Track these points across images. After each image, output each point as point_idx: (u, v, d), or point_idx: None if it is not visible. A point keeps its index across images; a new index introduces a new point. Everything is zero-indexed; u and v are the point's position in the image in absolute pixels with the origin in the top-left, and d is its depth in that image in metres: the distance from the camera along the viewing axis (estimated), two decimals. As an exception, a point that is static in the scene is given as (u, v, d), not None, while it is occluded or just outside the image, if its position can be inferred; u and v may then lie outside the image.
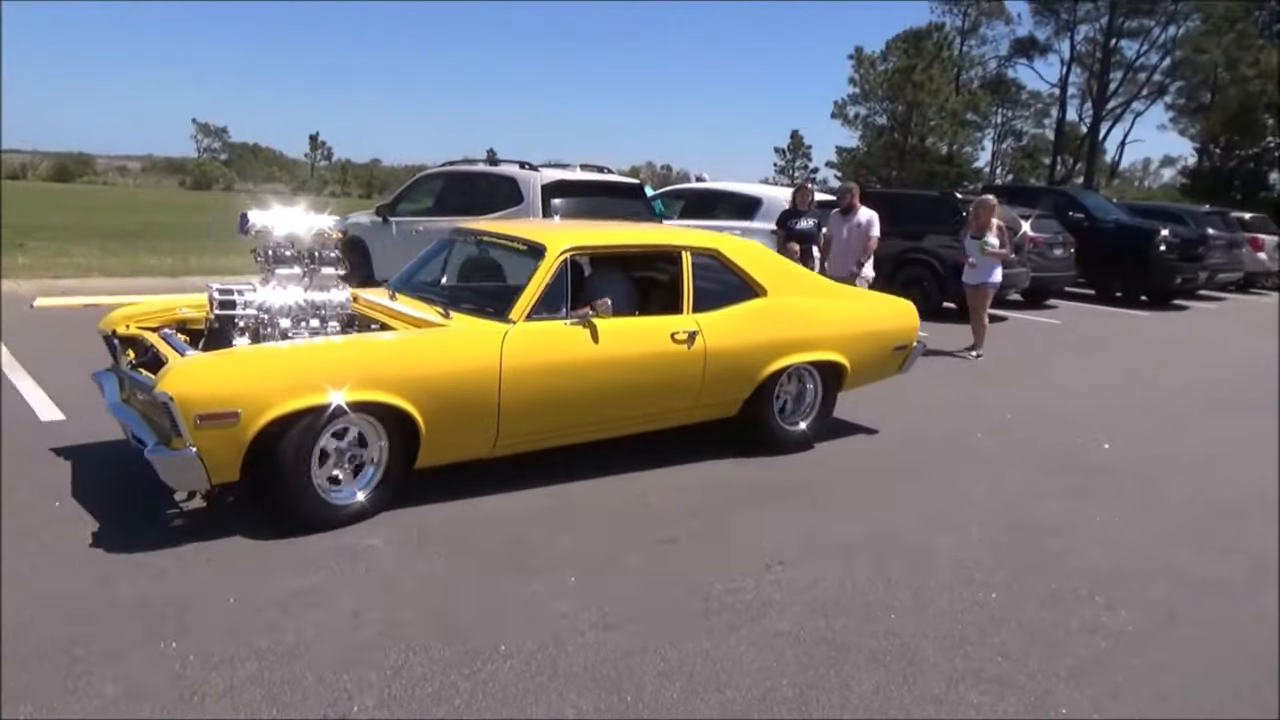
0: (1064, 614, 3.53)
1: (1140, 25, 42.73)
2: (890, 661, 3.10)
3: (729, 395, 5.18)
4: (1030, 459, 5.65)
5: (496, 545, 3.83)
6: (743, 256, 5.30)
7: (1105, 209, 16.58)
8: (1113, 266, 14.98)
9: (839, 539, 4.13)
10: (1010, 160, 53.31)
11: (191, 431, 3.51)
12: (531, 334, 4.35)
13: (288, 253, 4.47)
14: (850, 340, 5.56)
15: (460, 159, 10.27)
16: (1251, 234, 19.03)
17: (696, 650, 3.09)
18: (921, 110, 44.64)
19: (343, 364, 3.86)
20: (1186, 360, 10.05)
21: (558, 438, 4.70)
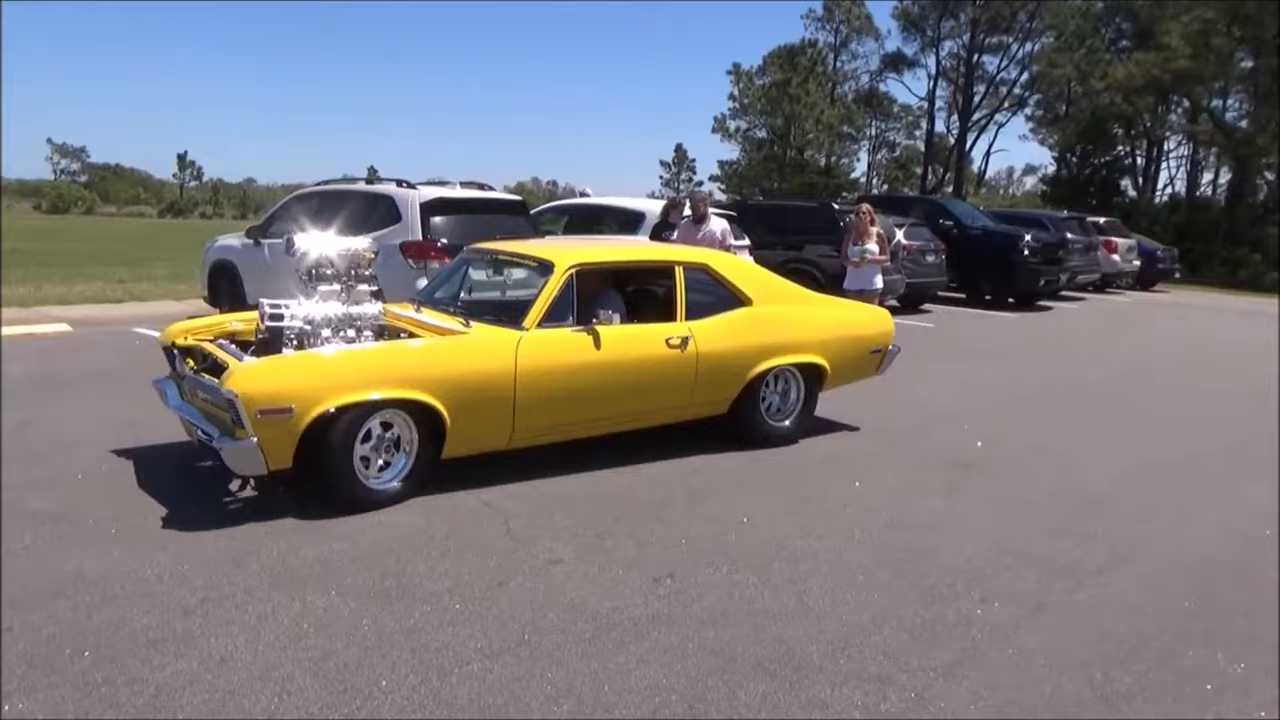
0: (941, 609, 3.65)
1: (1000, 41, 45.08)
2: (777, 668, 3.14)
3: (720, 395, 5.74)
4: (908, 458, 5.84)
5: (375, 577, 3.72)
6: (729, 270, 5.91)
7: (973, 216, 17.38)
8: (981, 271, 15.72)
9: (725, 549, 4.17)
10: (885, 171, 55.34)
11: (253, 424, 4.13)
12: (543, 340, 4.94)
13: (328, 271, 5.08)
14: (830, 344, 6.13)
15: (340, 177, 10.01)
16: (1106, 237, 20.30)
17: (584, 671, 3.06)
18: (799, 123, 45.91)
19: (380, 366, 4.49)
20: (1051, 358, 10.58)
21: (567, 432, 5.27)
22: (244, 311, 5.57)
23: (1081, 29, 41.05)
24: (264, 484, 4.71)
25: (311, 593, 3.55)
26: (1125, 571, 4.13)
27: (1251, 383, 9.51)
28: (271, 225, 9.74)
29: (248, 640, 3.16)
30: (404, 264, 7.97)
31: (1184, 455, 6.31)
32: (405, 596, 3.55)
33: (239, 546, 3.96)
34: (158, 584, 3.57)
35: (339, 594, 3.55)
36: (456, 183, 9.42)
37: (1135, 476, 5.69)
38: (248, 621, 3.30)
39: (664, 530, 4.38)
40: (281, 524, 4.23)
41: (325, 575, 3.72)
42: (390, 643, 3.19)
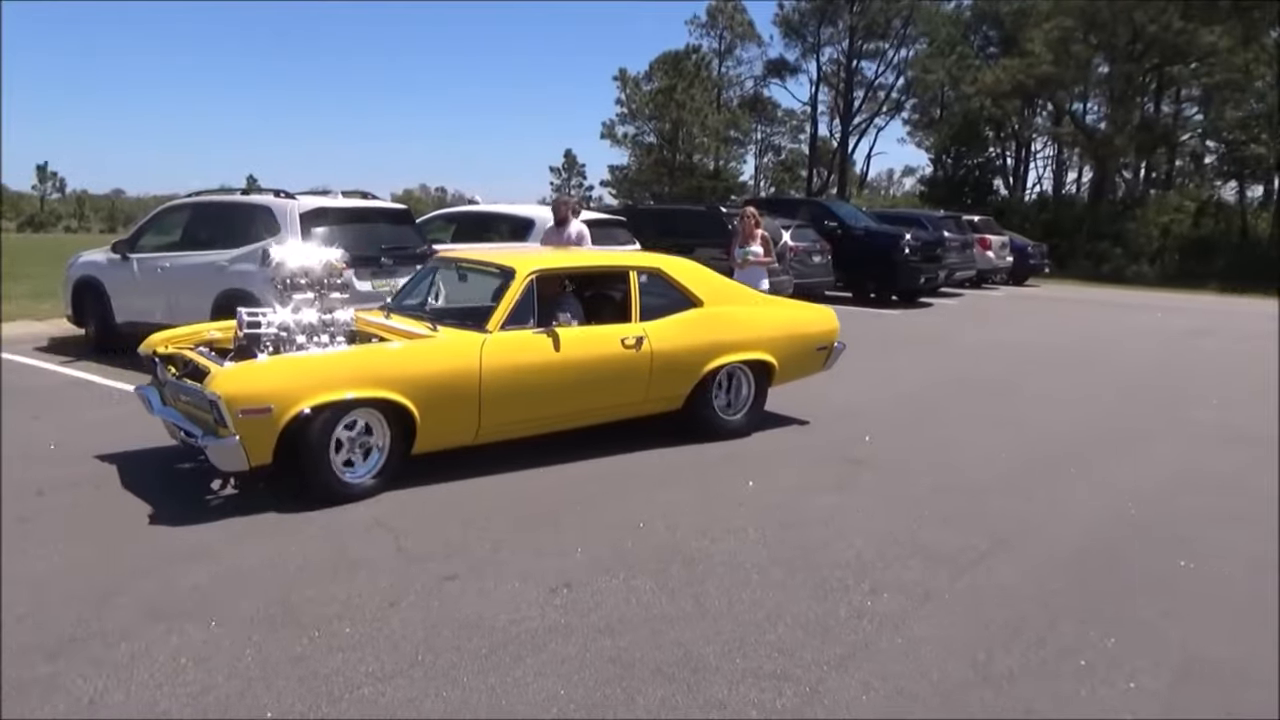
0: (833, 604, 3.74)
1: (877, 48, 46.65)
2: (674, 671, 3.15)
3: (674, 391, 6.09)
4: (800, 456, 5.97)
5: (259, 605, 3.58)
6: (681, 273, 6.30)
7: (856, 217, 17.92)
8: (865, 270, 16.21)
9: (622, 555, 4.17)
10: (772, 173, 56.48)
11: (235, 423, 4.43)
12: (505, 341, 5.28)
13: (302, 281, 5.34)
14: (777, 342, 6.51)
15: (217, 188, 9.60)
16: (981, 235, 21.20)
17: (481, 688, 3.02)
18: (686, 128, 46.44)
19: (353, 368, 4.81)
20: (934, 353, 11.00)
21: (529, 428, 5.61)
22: (222, 320, 6.06)
23: (952, 36, 42.87)
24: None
25: (190, 625, 3.39)
26: (1005, 558, 4.31)
27: (1116, 371, 10.08)
28: (140, 239, 9.28)
29: (119, 680, 2.99)
30: (284, 277, 7.70)
31: (1057, 443, 6.64)
32: (291, 623, 3.43)
33: (110, 581, 3.75)
34: (19, 626, 3.34)
35: (219, 624, 3.40)
36: (338, 192, 9.17)
37: (1013, 466, 5.96)
38: (119, 660, 3.12)
39: (560, 539, 4.36)
40: (156, 554, 4.03)
41: (204, 605, 3.56)
42: (275, 672, 3.07)
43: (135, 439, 5.91)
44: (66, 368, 8.42)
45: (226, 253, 8.16)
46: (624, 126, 49.09)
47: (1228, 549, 4.52)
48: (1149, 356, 11.35)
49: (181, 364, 5.27)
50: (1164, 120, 36.12)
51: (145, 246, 9.14)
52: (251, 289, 7.82)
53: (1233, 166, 35.46)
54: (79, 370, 8.31)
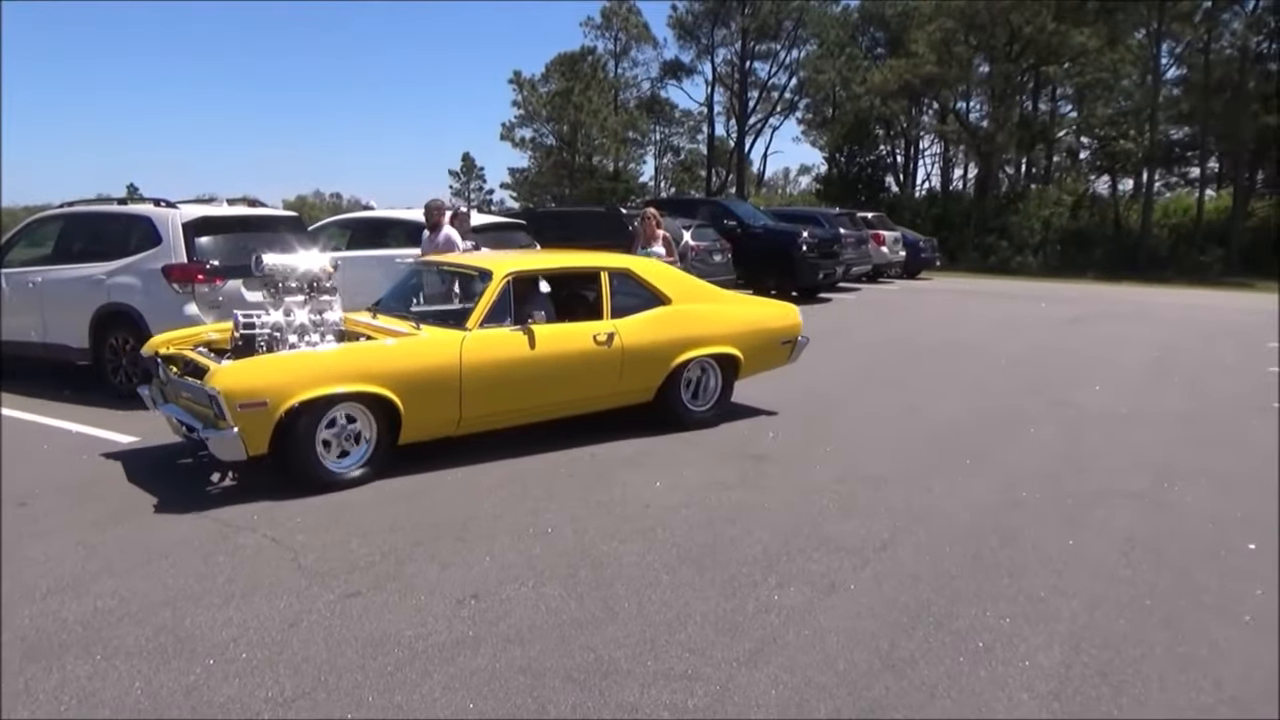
0: (742, 599, 3.78)
1: (769, 49, 47.52)
2: (585, 677, 3.13)
3: (644, 384, 6.48)
4: (706, 453, 6.02)
5: (148, 634, 3.41)
6: (650, 274, 6.71)
7: (755, 216, 18.21)
8: (765, 267, 16.45)
9: (530, 562, 4.13)
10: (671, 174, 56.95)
11: (234, 415, 4.80)
12: (483, 339, 5.66)
13: (293, 284, 5.69)
14: (743, 337, 6.90)
15: (94, 197, 9.11)
16: (875, 231, 21.82)
17: (388, 706, 2.94)
18: (585, 130, 46.42)
19: (342, 364, 5.18)
20: (831, 347, 11.24)
21: (508, 419, 5.96)
22: (219, 323, 6.39)
23: (841, 37, 44.08)
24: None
25: (72, 660, 3.21)
26: (905, 544, 4.44)
27: (1005, 359, 10.50)
28: (8, 253, 8.76)
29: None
30: (168, 288, 7.39)
31: (952, 431, 6.86)
32: (184, 652, 3.28)
33: (-19, 618, 3.52)
34: (-122, 672, 3.11)
35: (105, 657, 3.23)
36: (224, 200, 8.83)
37: (912, 454, 6.13)
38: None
39: (467, 550, 4.29)
40: (35, 587, 3.80)
41: (89, 638, 3.37)
42: (168, 704, 2.94)
43: (11, 465, 5.58)
44: (-71, 392, 7.88)
45: (104, 265, 7.77)
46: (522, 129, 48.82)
47: (1111, 526, 4.75)
48: (1035, 344, 11.85)
49: (182, 363, 5.59)
50: (1041, 118, 37.88)
51: (14, 261, 8.63)
52: (133, 303, 7.48)
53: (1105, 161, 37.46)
54: (-56, 394, 7.78)
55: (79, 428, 6.58)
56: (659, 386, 6.54)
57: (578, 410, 6.30)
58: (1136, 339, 12.53)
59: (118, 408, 7.09)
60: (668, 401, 6.61)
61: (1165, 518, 4.93)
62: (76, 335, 7.84)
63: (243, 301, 7.30)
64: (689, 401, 6.75)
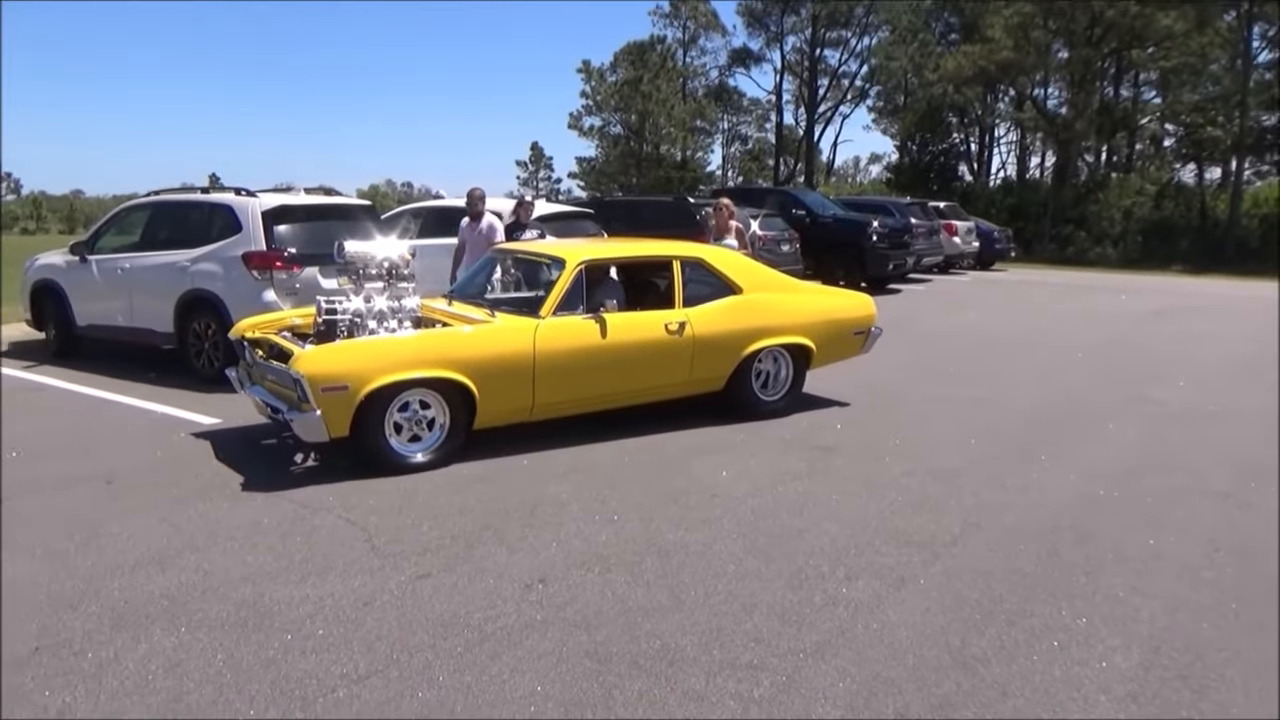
0: (808, 591, 3.75)
1: (840, 36, 46.79)
2: (651, 664, 3.15)
3: (715, 373, 6.50)
4: (772, 444, 5.98)
5: (230, 609, 3.53)
6: (722, 263, 6.68)
7: (824, 205, 17.99)
8: (834, 257, 16.25)
9: (597, 549, 4.16)
10: (739, 163, 56.58)
11: (317, 398, 4.97)
12: (557, 326, 5.76)
13: (372, 271, 5.91)
14: (815, 327, 6.87)
15: (179, 186, 9.43)
16: (947, 221, 21.37)
17: (457, 686, 3.00)
18: (653, 119, 46.33)
19: (421, 350, 5.33)
20: (902, 337, 11.05)
21: (580, 406, 6.04)
22: (301, 309, 6.57)
23: (914, 23, 43.11)
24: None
25: (159, 631, 3.34)
26: (976, 539, 4.36)
27: (1082, 352, 10.20)
28: (99, 240, 9.11)
29: (88, 689, 2.94)
30: (247, 275, 7.60)
31: (1026, 425, 6.71)
32: (263, 626, 3.39)
33: (75, 589, 3.68)
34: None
35: (189, 630, 3.35)
36: (301, 189, 9.04)
37: (983, 448, 6.01)
38: (87, 669, 3.07)
39: (534, 535, 4.34)
40: (122, 561, 3.96)
41: (174, 611, 3.50)
42: (248, 676, 3.04)
43: (98, 445, 5.82)
44: (28, 373, 8.26)
45: (188, 253, 8.03)
46: (590, 118, 48.94)
47: (1193, 526, 4.59)
48: (1114, 338, 11.50)
49: (267, 347, 5.80)
50: (1123, 104, 36.58)
51: (104, 248, 8.97)
52: (214, 289, 7.71)
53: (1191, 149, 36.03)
54: (41, 375, 8.15)
55: (163, 409, 6.82)
56: (729, 376, 6.53)
57: (649, 398, 6.35)
58: (1223, 334, 12.06)
59: (200, 390, 7.33)
60: (738, 391, 6.61)
61: (1251, 519, 4.74)
62: (161, 320, 8.12)
63: (319, 288, 7.48)
64: (760, 391, 6.75)
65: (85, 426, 6.35)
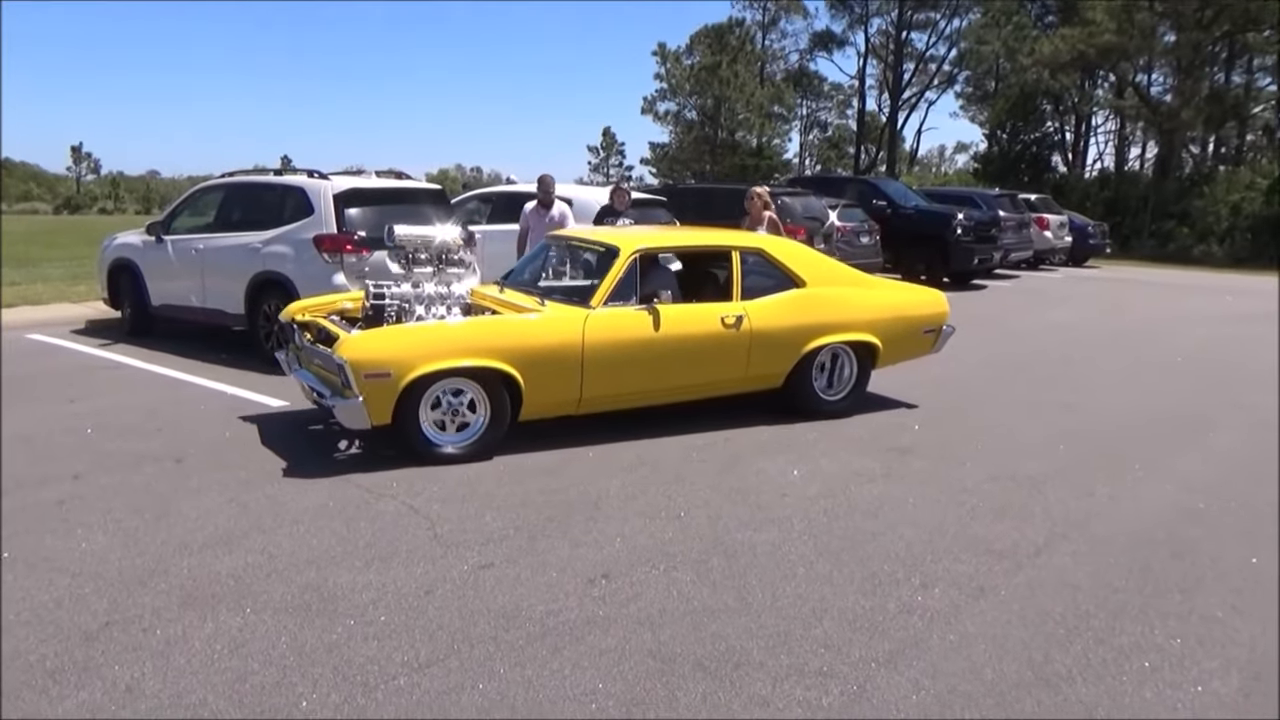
0: (882, 598, 3.70)
1: (928, 18, 45.96)
2: (716, 667, 3.14)
3: (773, 369, 6.35)
4: (845, 443, 5.91)
5: (294, 591, 3.62)
6: (784, 254, 6.53)
7: (906, 196, 17.69)
8: (915, 251, 15.99)
9: (662, 546, 4.17)
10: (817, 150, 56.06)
11: (359, 384, 5.00)
12: (607, 317, 5.68)
13: (423, 255, 5.95)
14: (882, 324, 6.67)
15: (251, 168, 9.70)
16: (1038, 214, 20.84)
17: (518, 680, 3.03)
18: (729, 105, 46.13)
19: (466, 338, 5.32)
20: (986, 337, 10.83)
21: (630, 401, 5.97)
22: (350, 292, 6.69)
23: (1008, 5, 42.02)
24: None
25: (225, 611, 3.45)
26: (1062, 550, 4.24)
27: (1180, 356, 9.85)
28: (174, 220, 9.43)
29: (155, 666, 3.05)
30: (318, 258, 7.78)
31: (1116, 431, 6.50)
32: (326, 611, 3.47)
33: (145, 565, 3.82)
34: (56, 610, 3.43)
35: (254, 611, 3.45)
36: (372, 172, 9.22)
37: (1070, 454, 5.84)
38: (155, 646, 3.18)
39: (598, 529, 4.36)
40: (190, 540, 4.10)
41: (240, 592, 3.61)
42: (311, 660, 3.11)
43: (170, 424, 6.02)
44: (103, 351, 8.60)
45: (260, 234, 8.26)
46: (664, 103, 48.91)
47: (1302, 545, 4.40)
48: (1218, 341, 11.07)
49: (316, 330, 5.87)
50: (1235, 92, 35.10)
51: (179, 228, 9.29)
52: (285, 271, 7.92)
53: (1308, 140, 34.43)
54: (115, 354, 8.48)
55: (233, 390, 7.03)
56: (789, 373, 6.40)
57: (703, 394, 6.25)
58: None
59: (269, 373, 7.52)
60: (798, 389, 6.47)
61: (1368, 540, 4.52)
62: (233, 301, 8.37)
63: (388, 272, 7.61)
64: (821, 390, 6.61)
65: (157, 405, 6.58)
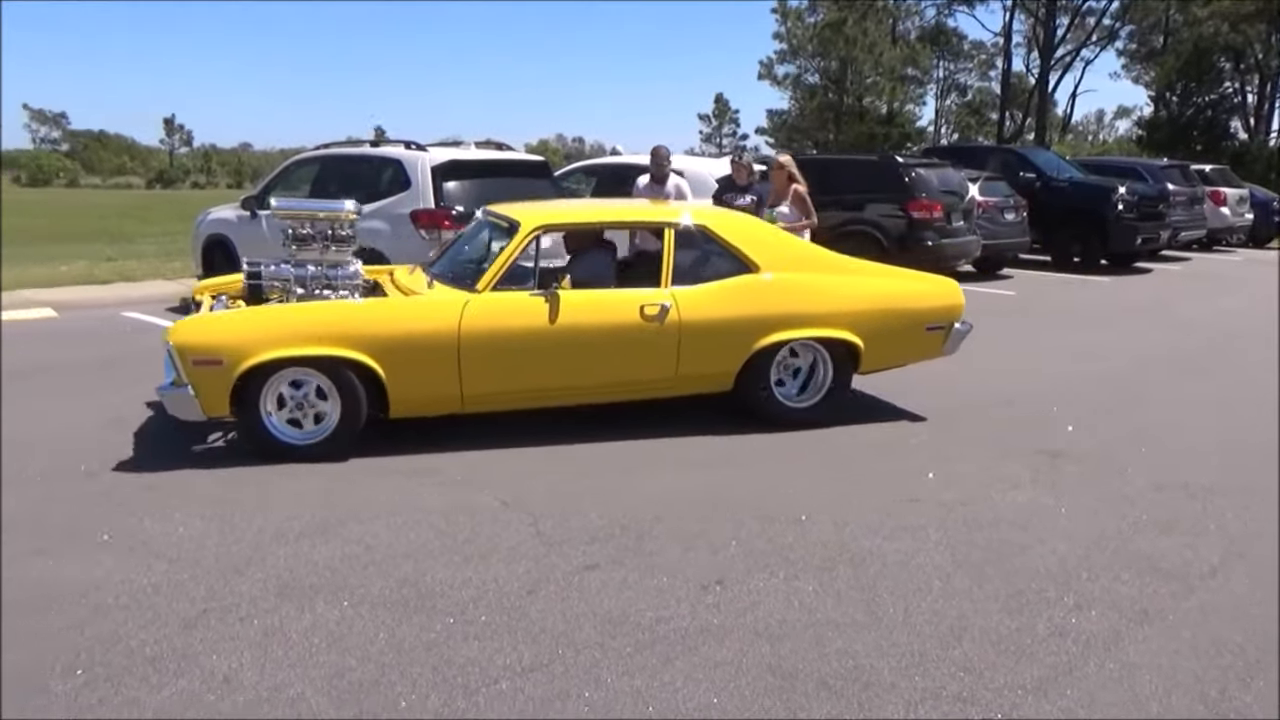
0: (1030, 618, 3.60)
1: (1087, -35, 44.19)
2: (842, 686, 3.11)
3: (714, 368, 5.80)
4: (986, 445, 5.76)
5: (392, 586, 3.75)
6: (732, 232, 5.94)
7: (1058, 167, 17.09)
8: (1069, 229, 15.46)
9: (781, 551, 4.15)
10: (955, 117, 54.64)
11: (188, 372, 4.91)
12: (491, 303, 5.33)
13: (305, 231, 5.75)
14: (865, 317, 5.99)
15: (344, 140, 10.04)
16: (1213, 188, 19.82)
17: (626, 690, 3.06)
18: (856, 67, 45.29)
19: (315, 324, 5.10)
20: (1152, 327, 10.39)
21: (529, 400, 5.65)
22: None
23: (1182, -52, 40.04)
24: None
25: (322, 603, 3.59)
26: (1240, 572, 4.05)
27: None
28: (269, 194, 9.81)
29: (253, 657, 3.20)
30: (415, 234, 8.00)
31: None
32: (425, 607, 3.58)
33: (242, 553, 4.01)
34: (154, 595, 3.63)
35: (352, 604, 3.59)
36: (471, 143, 9.42)
37: (1250, 462, 5.56)
38: (253, 636, 3.34)
39: (711, 530, 4.37)
40: (287, 529, 4.28)
41: (337, 583, 3.76)
42: (410, 658, 3.22)
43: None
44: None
45: (356, 209, 8.51)
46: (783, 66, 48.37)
47: None
48: None
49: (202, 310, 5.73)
50: None
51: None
52: (380, 247, 8.16)
53: None
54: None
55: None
56: (738, 373, 5.83)
57: (623, 396, 5.83)
58: None
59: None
60: (750, 393, 5.90)
61: None
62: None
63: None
64: (787, 395, 6.04)
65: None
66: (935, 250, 12.03)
